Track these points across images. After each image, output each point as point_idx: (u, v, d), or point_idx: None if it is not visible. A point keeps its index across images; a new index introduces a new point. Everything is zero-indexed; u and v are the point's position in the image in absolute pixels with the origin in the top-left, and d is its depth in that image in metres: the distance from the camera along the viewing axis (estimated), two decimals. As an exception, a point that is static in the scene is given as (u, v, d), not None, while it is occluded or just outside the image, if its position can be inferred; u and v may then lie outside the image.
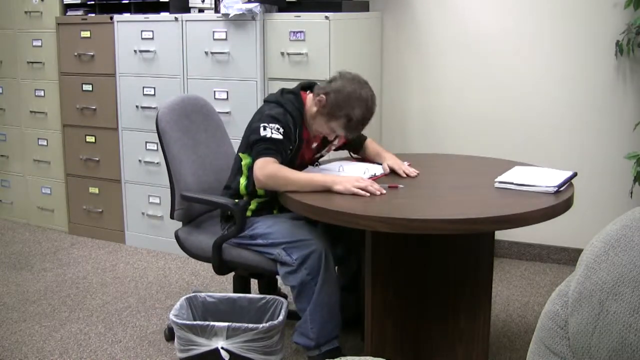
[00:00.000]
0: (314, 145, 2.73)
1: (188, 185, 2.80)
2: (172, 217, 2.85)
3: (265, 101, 2.69)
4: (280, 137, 2.50)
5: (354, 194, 2.32)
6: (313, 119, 2.61)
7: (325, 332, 2.51)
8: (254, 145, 2.52)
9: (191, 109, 2.93)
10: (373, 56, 3.88)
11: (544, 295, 3.35)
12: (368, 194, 2.31)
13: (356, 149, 2.90)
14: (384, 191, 2.35)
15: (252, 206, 2.66)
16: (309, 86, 2.74)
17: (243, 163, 2.64)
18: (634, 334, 1.04)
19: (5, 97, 4.61)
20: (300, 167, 2.67)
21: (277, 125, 2.51)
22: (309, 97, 2.65)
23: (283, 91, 2.68)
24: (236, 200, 2.64)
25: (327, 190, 2.36)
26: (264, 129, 2.51)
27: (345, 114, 2.51)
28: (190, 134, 2.88)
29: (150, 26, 3.89)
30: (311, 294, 2.47)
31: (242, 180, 2.65)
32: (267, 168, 2.44)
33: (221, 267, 2.68)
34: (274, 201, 2.65)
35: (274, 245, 2.52)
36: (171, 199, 2.84)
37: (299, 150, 2.62)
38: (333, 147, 2.81)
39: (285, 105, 2.59)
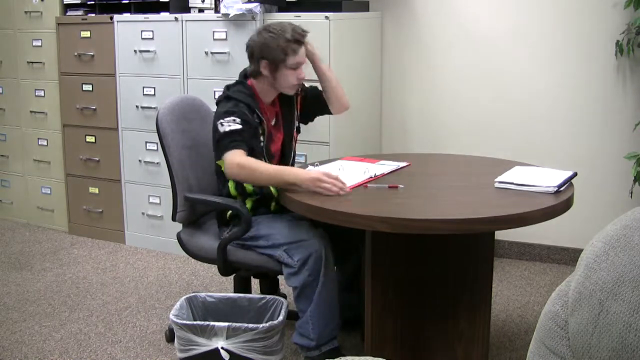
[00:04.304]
0: (274, 122, 2.73)
1: (190, 186, 2.80)
2: (174, 219, 2.83)
3: (216, 103, 2.71)
4: (239, 126, 2.51)
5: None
6: (266, 89, 2.66)
7: (326, 332, 2.52)
8: (218, 144, 2.54)
9: (189, 110, 2.94)
10: (373, 56, 3.89)
11: (544, 295, 3.35)
12: (331, 193, 2.32)
13: (321, 103, 2.85)
14: (348, 189, 2.34)
15: (248, 205, 2.66)
16: (249, 73, 2.76)
17: (223, 169, 2.65)
18: (634, 334, 1.04)
19: (5, 97, 4.61)
20: (282, 156, 2.72)
21: (232, 117, 2.53)
22: (254, 81, 2.69)
23: (228, 87, 2.71)
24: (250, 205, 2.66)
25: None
26: (221, 125, 2.53)
27: (284, 42, 2.56)
28: (190, 135, 2.88)
29: (150, 26, 3.90)
30: (312, 295, 2.47)
31: (230, 184, 2.67)
32: (235, 159, 2.45)
33: (226, 269, 2.68)
34: (268, 198, 2.66)
35: (275, 246, 2.53)
36: (173, 201, 2.82)
37: (269, 133, 2.65)
38: (297, 121, 2.81)
39: (234, 96, 2.62)
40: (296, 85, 2.66)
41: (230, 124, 2.50)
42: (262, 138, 2.62)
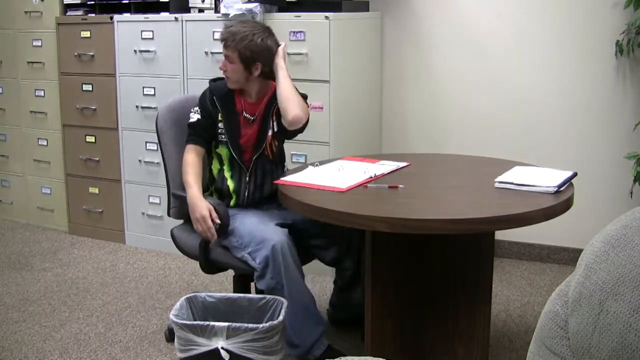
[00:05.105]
0: (252, 118, 2.73)
1: (181, 183, 2.81)
2: (168, 214, 2.92)
3: None
4: (195, 118, 2.73)
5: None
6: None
7: (307, 332, 2.51)
8: None
9: (190, 109, 2.94)
10: (373, 56, 3.88)
11: (544, 295, 3.35)
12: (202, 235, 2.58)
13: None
14: (214, 234, 2.55)
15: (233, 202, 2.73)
16: None
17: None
18: (634, 334, 1.04)
19: (5, 97, 4.61)
20: (253, 147, 2.72)
21: (195, 108, 2.76)
22: None
23: (213, 79, 2.86)
24: (220, 200, 2.69)
25: None
26: (190, 113, 2.76)
27: None
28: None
29: (150, 26, 3.90)
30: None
31: (214, 168, 2.77)
32: (184, 155, 2.71)
33: (208, 266, 2.71)
34: (226, 194, 2.73)
35: (241, 248, 2.55)
36: (167, 197, 2.89)
37: (233, 123, 2.69)
38: (274, 126, 2.79)
39: (209, 84, 2.79)
40: (223, 74, 2.73)
41: (192, 115, 2.74)
42: (220, 125, 2.70)
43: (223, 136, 2.70)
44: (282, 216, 2.66)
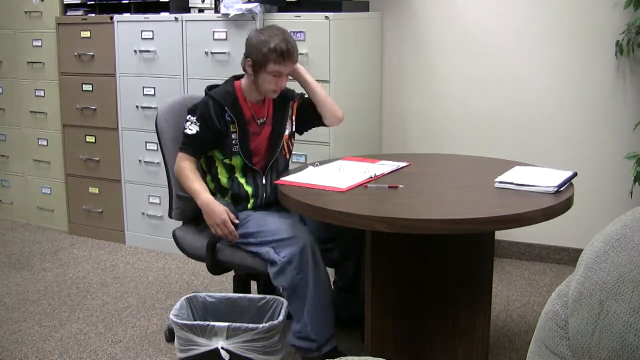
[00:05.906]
0: (261, 121, 2.72)
1: None
2: (170, 216, 2.89)
3: None
4: (194, 130, 2.63)
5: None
6: (253, 88, 2.67)
7: (324, 330, 2.51)
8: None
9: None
10: (373, 56, 3.89)
11: (544, 295, 3.35)
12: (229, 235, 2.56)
13: (315, 114, 2.82)
14: (237, 236, 2.55)
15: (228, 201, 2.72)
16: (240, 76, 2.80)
17: (203, 166, 2.78)
18: (634, 334, 1.04)
19: (5, 97, 4.61)
20: (267, 149, 2.70)
21: (193, 118, 2.65)
22: (243, 78, 2.73)
23: (210, 87, 2.78)
24: (229, 200, 2.67)
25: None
26: (185, 123, 2.68)
27: (267, 50, 2.56)
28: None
29: (150, 26, 3.90)
30: (304, 295, 2.46)
31: (208, 178, 2.75)
32: (177, 164, 2.67)
33: (215, 267, 2.70)
34: (244, 198, 2.70)
35: (264, 243, 2.53)
36: (169, 198, 2.88)
37: (243, 131, 2.65)
38: (292, 126, 2.80)
39: (209, 93, 2.70)
40: (276, 91, 2.64)
41: (190, 127, 2.65)
42: (233, 136, 2.65)
43: (236, 147, 2.65)
44: (278, 212, 2.67)
